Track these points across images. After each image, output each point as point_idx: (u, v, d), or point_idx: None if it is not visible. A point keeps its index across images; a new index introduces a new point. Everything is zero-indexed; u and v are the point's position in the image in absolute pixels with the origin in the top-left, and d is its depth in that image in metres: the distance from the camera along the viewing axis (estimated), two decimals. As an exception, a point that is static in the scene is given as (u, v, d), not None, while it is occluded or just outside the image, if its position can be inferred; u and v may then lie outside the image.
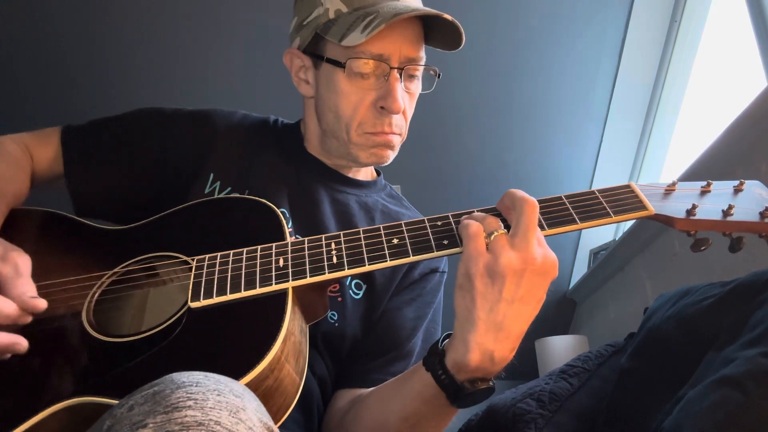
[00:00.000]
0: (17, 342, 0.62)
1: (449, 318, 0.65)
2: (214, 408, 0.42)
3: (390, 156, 0.89)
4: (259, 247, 0.69)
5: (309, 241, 0.69)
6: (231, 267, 0.68)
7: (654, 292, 1.89)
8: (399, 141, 0.90)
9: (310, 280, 0.65)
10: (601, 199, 0.69)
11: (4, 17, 2.02)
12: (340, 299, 0.85)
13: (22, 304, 0.64)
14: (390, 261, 0.65)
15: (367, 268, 0.65)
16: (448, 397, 0.63)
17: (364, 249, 0.67)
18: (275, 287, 0.65)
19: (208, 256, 0.70)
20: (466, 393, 0.62)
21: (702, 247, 0.67)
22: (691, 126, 2.13)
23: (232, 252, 0.69)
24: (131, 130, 0.95)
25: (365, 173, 1.01)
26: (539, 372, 2.31)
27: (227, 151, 0.93)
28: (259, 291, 0.65)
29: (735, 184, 0.72)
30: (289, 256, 0.68)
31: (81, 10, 2.02)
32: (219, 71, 2.24)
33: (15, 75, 2.20)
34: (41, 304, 0.65)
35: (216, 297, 0.65)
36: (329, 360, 0.86)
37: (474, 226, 0.62)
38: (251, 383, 0.57)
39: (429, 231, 0.67)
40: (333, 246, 0.68)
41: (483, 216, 0.63)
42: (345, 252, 0.67)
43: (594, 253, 2.56)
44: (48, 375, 0.62)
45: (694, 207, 0.67)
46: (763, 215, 0.67)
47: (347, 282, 0.87)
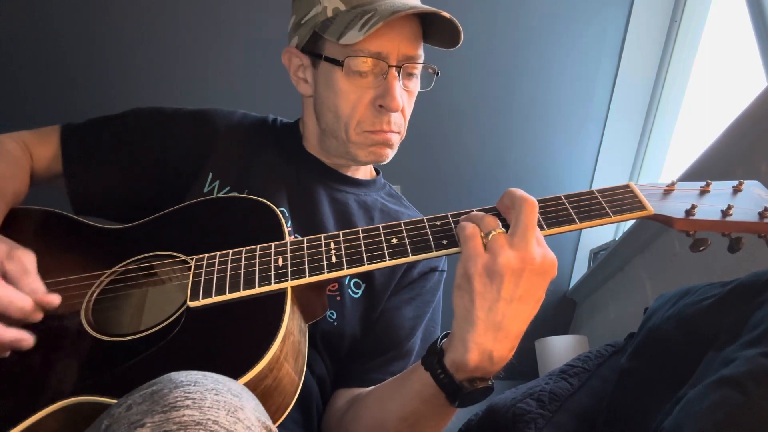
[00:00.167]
0: (23, 338, 0.62)
1: (449, 317, 0.65)
2: (212, 407, 0.42)
3: (389, 154, 0.89)
4: (258, 247, 0.69)
5: (308, 241, 0.69)
6: (230, 266, 0.67)
7: (654, 292, 1.88)
8: (398, 139, 0.89)
9: (309, 279, 0.65)
10: (601, 199, 0.69)
11: (4, 17, 2.01)
12: (339, 298, 0.85)
13: (35, 299, 0.64)
14: (389, 261, 0.65)
15: (366, 267, 0.65)
16: (447, 397, 0.63)
17: (363, 248, 0.67)
18: (274, 287, 0.65)
19: (207, 255, 0.70)
20: (465, 392, 0.62)
21: (701, 248, 0.67)
22: (691, 126, 2.12)
23: (231, 251, 0.69)
24: (131, 129, 0.95)
25: (364, 172, 1.00)
26: (539, 372, 2.30)
27: (227, 151, 0.93)
28: (258, 290, 0.64)
29: (734, 184, 0.72)
30: (288, 255, 0.67)
31: (81, 10, 2.02)
32: (219, 71, 2.23)
33: (15, 75, 2.20)
34: (55, 299, 0.66)
35: (215, 296, 0.65)
36: (328, 359, 0.86)
37: (469, 227, 0.62)
38: (250, 383, 0.57)
39: (428, 231, 0.67)
40: (332, 245, 0.68)
41: (481, 216, 0.63)
42: (344, 251, 0.67)
43: (594, 253, 2.56)
44: (47, 374, 0.62)
45: (693, 207, 0.67)
46: (762, 215, 0.67)
47: (346, 281, 0.86)
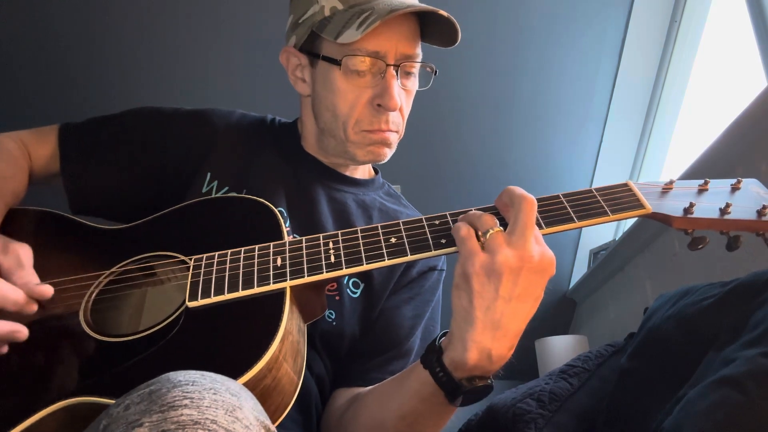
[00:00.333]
0: (17, 330, 0.62)
1: (448, 316, 0.65)
2: (210, 407, 0.42)
3: (387, 153, 0.89)
4: (257, 247, 0.69)
5: (307, 241, 0.69)
6: (228, 266, 0.67)
7: (654, 292, 1.88)
8: (396, 138, 0.89)
9: (307, 279, 0.65)
10: (599, 198, 0.68)
11: (4, 17, 2.02)
12: (337, 298, 0.85)
13: (28, 292, 0.64)
14: (388, 260, 0.65)
15: (365, 267, 0.65)
16: (446, 396, 0.63)
17: (362, 248, 0.67)
18: (273, 287, 0.64)
19: (205, 255, 0.69)
20: (463, 391, 0.62)
21: (699, 246, 0.67)
22: (691, 126, 2.12)
23: (229, 251, 0.69)
24: (130, 129, 0.94)
25: (363, 171, 1.00)
26: (539, 372, 2.30)
27: (225, 151, 0.92)
28: (257, 290, 0.64)
29: (732, 182, 0.72)
30: (287, 255, 0.67)
31: (81, 10, 2.02)
32: (218, 71, 2.23)
33: (15, 75, 2.20)
34: (47, 290, 0.66)
35: (213, 296, 0.64)
36: (327, 359, 0.85)
37: (463, 229, 0.62)
38: (249, 383, 0.56)
39: (427, 230, 0.67)
40: (331, 245, 0.67)
41: (478, 215, 0.63)
42: (343, 251, 0.67)
43: (594, 253, 2.56)
44: (46, 375, 0.62)
45: (691, 205, 0.67)
46: (761, 213, 0.66)
47: (345, 281, 0.86)
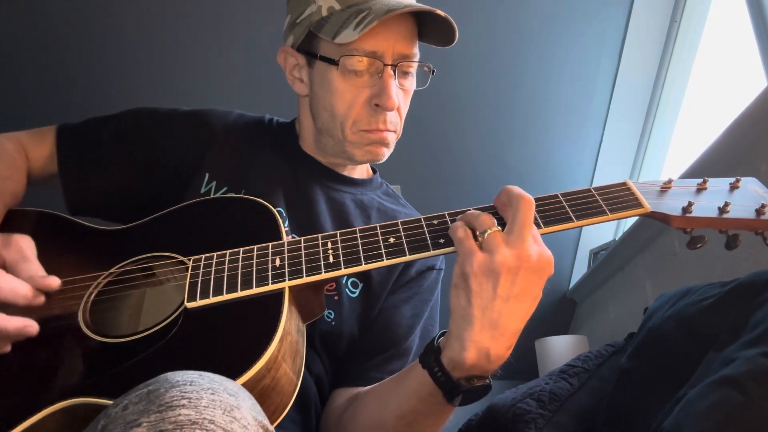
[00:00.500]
0: (29, 324, 0.62)
1: (447, 316, 0.65)
2: (208, 407, 0.42)
3: (385, 153, 0.89)
4: (256, 247, 0.69)
5: (305, 241, 0.69)
6: (227, 267, 0.67)
7: (654, 292, 1.88)
8: (394, 138, 0.89)
9: (306, 279, 0.65)
10: (597, 197, 0.68)
11: (4, 17, 2.02)
12: (336, 298, 0.85)
13: (34, 284, 0.65)
14: (387, 260, 0.65)
15: (364, 267, 0.65)
16: (444, 395, 0.63)
17: (360, 248, 0.66)
18: (271, 287, 0.64)
19: (204, 256, 0.69)
20: (462, 391, 0.62)
21: (698, 245, 0.67)
22: (691, 126, 2.12)
23: (228, 252, 0.69)
24: (128, 129, 0.94)
25: (361, 171, 1.00)
26: (539, 372, 2.30)
27: (223, 151, 0.92)
28: (256, 291, 0.64)
29: (731, 181, 0.72)
30: (286, 255, 0.67)
31: (81, 10, 2.02)
32: (217, 71, 2.23)
33: (15, 75, 2.20)
34: (54, 281, 0.66)
35: (212, 297, 0.64)
36: (326, 359, 0.85)
37: (460, 230, 0.62)
38: (248, 383, 0.56)
39: (425, 230, 0.67)
40: (329, 245, 0.67)
41: (476, 214, 0.63)
42: (341, 251, 0.67)
43: (594, 253, 2.56)
44: (45, 376, 0.62)
45: (690, 204, 0.67)
46: (759, 212, 0.66)
47: (343, 281, 0.86)
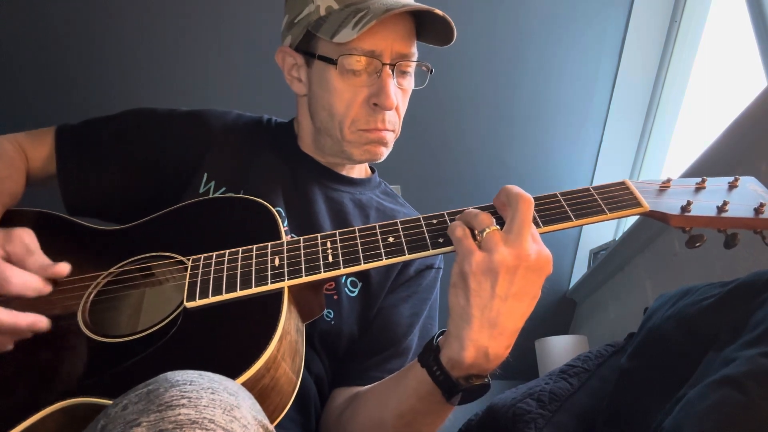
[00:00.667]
0: (39, 320, 0.63)
1: (446, 315, 0.65)
2: (207, 406, 0.42)
3: (383, 153, 0.89)
4: (255, 247, 0.69)
5: (304, 240, 0.69)
6: (226, 266, 0.67)
7: (654, 292, 1.88)
8: (392, 137, 0.89)
9: (305, 279, 0.65)
10: (596, 196, 0.68)
11: (4, 17, 2.02)
12: (336, 297, 0.85)
13: (45, 274, 0.66)
14: (386, 259, 0.65)
15: (363, 266, 0.65)
16: (443, 394, 0.63)
17: (359, 247, 0.66)
18: (271, 287, 0.64)
19: (203, 255, 0.69)
20: (461, 389, 0.62)
21: (697, 244, 0.67)
22: (691, 126, 2.12)
23: (227, 251, 0.69)
24: (127, 129, 0.94)
25: (359, 171, 1.00)
26: (539, 372, 2.30)
27: (222, 151, 0.92)
28: (255, 290, 0.64)
29: (730, 180, 0.72)
30: (285, 255, 0.67)
31: (81, 10, 2.02)
32: (217, 71, 2.23)
33: (15, 75, 2.20)
34: (63, 268, 0.68)
35: (211, 297, 0.64)
36: (326, 359, 0.85)
37: (459, 229, 0.62)
38: (247, 382, 0.56)
39: (425, 229, 0.67)
40: (329, 245, 0.67)
41: (475, 213, 0.63)
42: (341, 251, 0.67)
43: (594, 253, 2.56)
44: (44, 376, 0.62)
45: (688, 203, 0.67)
46: (758, 211, 0.66)
47: (343, 280, 0.86)
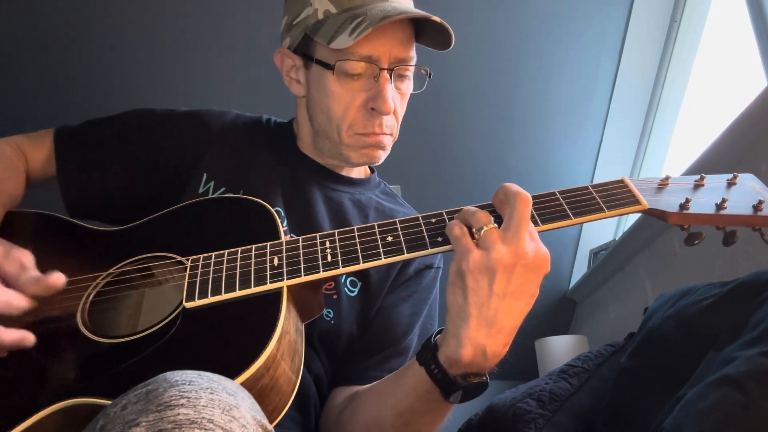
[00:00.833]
0: (25, 337, 0.62)
1: (445, 313, 0.65)
2: (206, 406, 0.42)
3: (381, 156, 0.89)
4: (254, 247, 0.69)
5: (303, 240, 0.69)
6: (225, 266, 0.67)
7: (654, 292, 1.88)
8: (390, 141, 0.89)
9: (304, 278, 0.65)
10: (595, 194, 0.68)
11: (4, 17, 2.02)
12: (335, 297, 0.85)
13: (38, 288, 0.63)
14: (384, 258, 0.65)
15: (362, 266, 0.65)
16: (441, 392, 0.63)
17: (358, 247, 0.66)
18: (270, 286, 0.64)
19: (202, 256, 0.69)
20: (459, 388, 0.62)
21: (695, 241, 0.67)
22: (691, 126, 2.12)
23: (226, 251, 0.69)
24: (126, 130, 0.94)
25: (359, 171, 1.00)
26: (539, 372, 2.30)
27: (221, 151, 0.92)
28: (254, 290, 0.64)
29: (728, 177, 0.72)
30: (284, 255, 0.67)
31: (81, 10, 2.02)
32: (218, 71, 2.23)
33: (15, 75, 2.20)
34: (57, 279, 0.64)
35: (211, 297, 0.64)
36: (326, 358, 0.86)
37: (456, 228, 0.62)
38: (246, 382, 0.56)
39: (423, 228, 0.67)
40: (327, 244, 0.67)
41: (473, 212, 0.63)
42: (339, 250, 0.67)
43: (594, 253, 2.56)
44: (43, 377, 0.62)
45: (687, 201, 0.67)
46: (756, 208, 0.66)
47: (342, 279, 0.86)
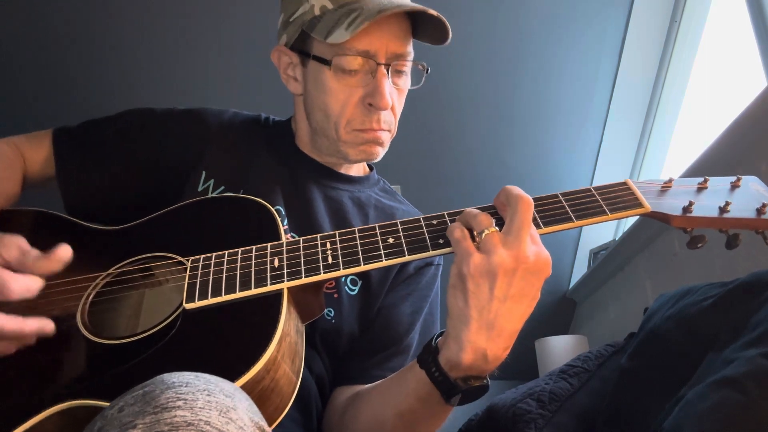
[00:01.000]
0: (46, 324, 0.62)
1: (446, 314, 0.65)
2: (203, 408, 0.42)
3: (380, 153, 0.89)
4: (254, 248, 0.69)
5: (304, 241, 0.68)
6: (226, 267, 0.67)
7: (654, 292, 1.88)
8: (388, 137, 0.89)
9: (305, 280, 0.65)
10: (597, 197, 0.68)
11: (4, 17, 2.02)
12: (336, 296, 0.85)
13: (48, 264, 0.63)
14: (386, 261, 0.65)
15: (363, 268, 0.65)
16: (442, 395, 0.63)
17: (359, 248, 0.66)
18: (270, 288, 0.64)
19: (202, 256, 0.69)
20: (459, 391, 0.62)
21: (698, 245, 0.66)
22: (691, 126, 2.12)
23: (226, 252, 0.69)
24: (126, 129, 0.94)
25: (358, 169, 1.00)
26: (539, 372, 2.30)
27: (220, 149, 0.92)
28: (255, 292, 0.64)
29: (732, 180, 0.72)
30: (285, 256, 0.67)
31: (81, 10, 2.02)
32: (218, 71, 2.23)
33: (15, 75, 2.20)
34: (64, 251, 0.64)
35: (211, 298, 0.64)
36: (327, 358, 0.85)
37: (457, 231, 0.61)
38: (247, 385, 0.56)
39: (425, 230, 0.67)
40: (328, 245, 0.67)
41: (474, 214, 0.62)
42: (340, 252, 0.66)
43: (594, 253, 2.56)
44: (43, 378, 0.62)
45: (690, 204, 0.67)
46: (760, 212, 0.66)
47: (342, 279, 0.86)
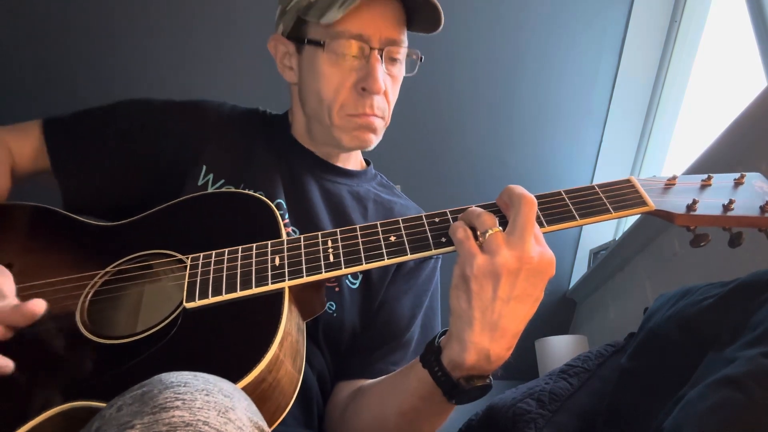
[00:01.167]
0: (4, 365, 0.59)
1: (447, 311, 0.64)
2: (202, 408, 0.42)
3: (373, 140, 0.88)
4: (255, 246, 0.68)
5: (305, 239, 0.68)
6: (226, 266, 0.66)
7: (654, 292, 1.88)
8: (382, 124, 0.89)
9: (306, 279, 0.64)
10: (601, 195, 0.68)
11: (4, 17, 2.01)
12: (337, 289, 0.84)
13: (17, 316, 0.60)
14: (387, 259, 0.64)
15: (364, 266, 0.64)
16: (444, 394, 0.63)
17: (361, 247, 0.66)
18: (271, 287, 0.64)
19: (202, 254, 0.68)
20: (462, 390, 0.61)
21: (702, 243, 0.66)
22: (691, 126, 2.12)
23: (227, 250, 0.68)
24: (127, 131, 0.93)
25: (355, 162, 1.00)
26: (539, 372, 2.30)
27: (219, 143, 0.92)
28: (255, 291, 0.63)
29: (735, 177, 0.72)
30: (285, 254, 0.66)
31: (81, 9, 2.01)
32: (218, 67, 2.23)
33: (15, 74, 2.20)
34: (37, 306, 0.61)
35: (211, 297, 0.64)
36: (328, 353, 0.85)
37: (460, 231, 0.61)
38: (249, 385, 0.56)
39: (427, 228, 0.66)
40: (330, 244, 0.67)
41: (477, 213, 0.62)
42: (342, 250, 0.66)
43: (594, 253, 2.55)
44: (43, 379, 0.61)
45: (694, 202, 0.67)
46: (764, 210, 0.66)
47: None
